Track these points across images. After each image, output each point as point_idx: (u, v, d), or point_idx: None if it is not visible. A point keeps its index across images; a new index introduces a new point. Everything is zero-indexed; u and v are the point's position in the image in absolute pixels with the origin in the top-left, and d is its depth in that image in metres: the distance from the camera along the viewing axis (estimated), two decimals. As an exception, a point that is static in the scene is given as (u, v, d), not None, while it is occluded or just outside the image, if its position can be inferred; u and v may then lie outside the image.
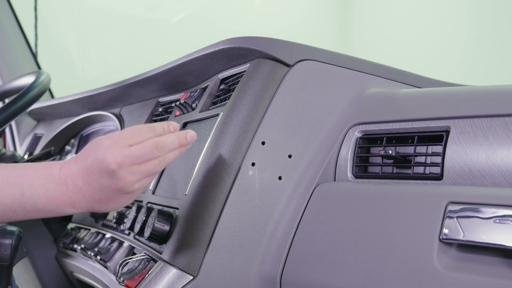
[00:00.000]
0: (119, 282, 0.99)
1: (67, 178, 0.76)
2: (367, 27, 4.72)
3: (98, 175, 0.75)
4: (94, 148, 0.77)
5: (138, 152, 0.76)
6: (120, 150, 0.75)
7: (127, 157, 0.75)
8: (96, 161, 0.75)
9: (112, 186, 0.75)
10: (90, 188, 0.76)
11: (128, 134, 0.77)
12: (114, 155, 0.74)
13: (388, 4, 4.58)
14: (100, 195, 0.76)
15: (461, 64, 3.86)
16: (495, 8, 3.72)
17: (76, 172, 0.76)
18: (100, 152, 0.75)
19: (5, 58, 2.07)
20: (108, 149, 0.75)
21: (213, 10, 4.03)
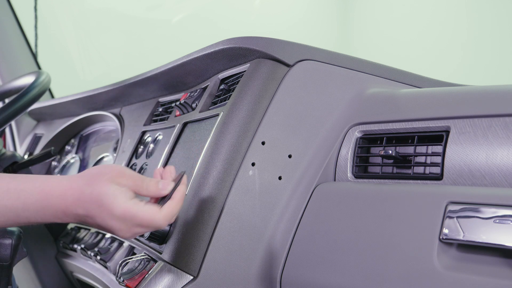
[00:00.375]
0: (119, 282, 0.99)
1: (67, 211, 0.77)
2: (367, 27, 4.72)
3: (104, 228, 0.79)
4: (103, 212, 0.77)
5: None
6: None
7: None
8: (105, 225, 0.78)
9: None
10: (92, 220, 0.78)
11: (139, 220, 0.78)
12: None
13: (388, 4, 4.58)
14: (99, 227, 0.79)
15: (461, 64, 3.86)
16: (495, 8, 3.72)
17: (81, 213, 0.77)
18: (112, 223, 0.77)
19: (5, 58, 2.07)
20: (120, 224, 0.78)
21: (213, 10, 4.03)
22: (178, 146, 1.13)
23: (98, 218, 0.77)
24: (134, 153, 1.35)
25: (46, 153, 1.38)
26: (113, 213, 0.77)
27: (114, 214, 0.77)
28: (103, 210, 0.77)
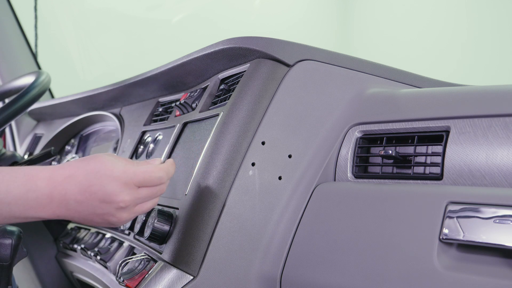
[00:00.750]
0: (119, 282, 0.99)
1: (54, 192, 0.73)
2: (367, 27, 4.72)
3: (98, 203, 0.74)
4: (101, 175, 0.75)
5: (145, 195, 0.78)
6: (131, 191, 0.76)
7: (135, 198, 0.77)
8: (104, 192, 0.74)
9: (105, 216, 0.76)
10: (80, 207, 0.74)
11: (141, 177, 0.77)
12: (125, 194, 0.75)
13: (388, 4, 4.58)
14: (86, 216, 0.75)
15: (461, 64, 3.86)
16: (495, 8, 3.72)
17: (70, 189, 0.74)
18: (112, 185, 0.74)
19: (5, 58, 2.07)
20: (120, 186, 0.75)
21: (213, 10, 4.03)
22: (178, 146, 1.13)
23: (95, 186, 0.73)
24: (134, 153, 1.35)
25: (46, 153, 1.38)
26: (112, 174, 0.74)
27: (114, 175, 0.74)
28: (102, 175, 0.74)
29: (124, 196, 0.75)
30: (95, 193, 0.74)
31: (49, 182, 0.74)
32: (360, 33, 4.78)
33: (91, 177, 0.74)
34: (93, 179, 0.74)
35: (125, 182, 0.75)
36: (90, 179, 0.74)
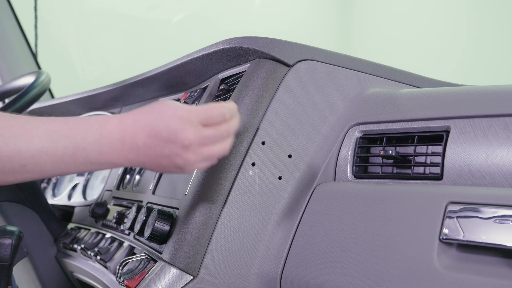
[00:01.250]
0: (119, 282, 0.99)
1: (125, 135, 0.75)
2: (367, 27, 4.72)
3: (163, 144, 0.75)
4: (165, 115, 0.76)
5: (210, 135, 0.78)
6: (195, 128, 0.76)
7: (200, 137, 0.77)
8: (168, 131, 0.75)
9: (171, 158, 0.76)
10: (149, 151, 0.76)
11: (203, 114, 0.78)
12: (189, 132, 0.76)
13: (388, 4, 4.58)
14: (155, 160, 0.76)
15: (461, 64, 3.86)
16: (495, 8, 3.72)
17: (138, 130, 0.76)
18: (175, 123, 0.76)
19: (5, 58, 2.07)
20: (184, 123, 0.76)
21: (213, 10, 4.03)
22: (178, 146, 1.13)
23: (160, 126, 0.75)
24: (134, 153, 1.35)
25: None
26: (175, 113, 0.76)
27: (177, 113, 0.76)
28: (165, 115, 0.76)
29: (187, 134, 0.76)
30: (160, 133, 0.75)
31: (120, 127, 0.76)
32: (360, 33, 4.78)
33: (155, 118, 0.76)
34: (158, 119, 0.76)
35: (188, 119, 0.76)
36: (155, 120, 0.76)
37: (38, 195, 1.61)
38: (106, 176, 1.49)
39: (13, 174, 0.73)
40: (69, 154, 0.74)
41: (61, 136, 0.74)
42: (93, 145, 0.74)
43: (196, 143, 0.77)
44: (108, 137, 0.75)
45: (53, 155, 0.73)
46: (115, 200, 1.33)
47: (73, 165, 0.75)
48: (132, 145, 0.76)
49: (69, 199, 1.67)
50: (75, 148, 0.74)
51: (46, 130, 0.74)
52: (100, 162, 0.76)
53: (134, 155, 0.76)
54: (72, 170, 0.76)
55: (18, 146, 0.71)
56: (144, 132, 0.76)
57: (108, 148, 0.75)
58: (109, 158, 0.76)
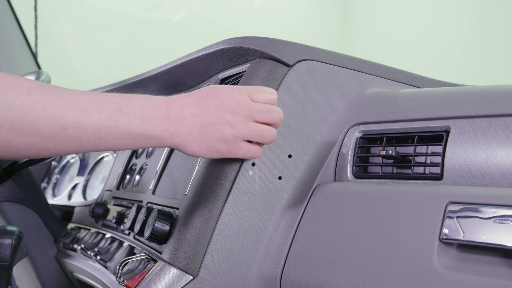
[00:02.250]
0: (119, 282, 0.99)
1: (171, 106, 0.75)
2: (367, 27, 4.72)
3: (212, 110, 0.75)
4: (216, 88, 0.77)
5: (259, 108, 0.78)
6: (245, 97, 0.77)
7: (249, 107, 0.76)
8: (217, 96, 0.75)
9: (219, 126, 0.75)
10: (195, 120, 0.75)
11: (252, 88, 0.78)
12: (239, 98, 0.76)
13: (388, 4, 4.58)
14: (200, 130, 0.75)
15: (461, 64, 3.86)
16: (495, 8, 3.72)
17: (188, 102, 0.76)
18: (225, 90, 0.76)
19: (5, 58, 2.07)
20: (233, 91, 0.77)
21: (213, 10, 4.03)
22: (178, 146, 1.13)
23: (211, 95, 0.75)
24: (134, 153, 1.35)
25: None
26: (227, 87, 0.77)
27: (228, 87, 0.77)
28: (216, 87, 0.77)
29: (237, 99, 0.76)
30: (211, 100, 0.76)
31: (167, 99, 0.76)
32: (360, 33, 4.78)
33: (206, 91, 0.77)
34: (209, 91, 0.77)
35: (238, 89, 0.77)
36: (206, 92, 0.77)
37: (38, 195, 1.61)
38: (106, 176, 1.49)
39: (53, 140, 0.70)
40: (111, 119, 0.72)
41: (106, 101, 0.73)
42: (137, 110, 0.73)
43: (245, 112, 0.76)
44: (153, 105, 0.75)
45: (96, 118, 0.71)
46: (115, 200, 1.33)
47: (113, 133, 0.73)
48: (177, 115, 0.75)
49: (69, 199, 1.67)
50: (119, 112, 0.73)
51: (91, 95, 0.73)
52: (141, 131, 0.74)
53: (178, 126, 0.75)
54: (111, 140, 0.73)
55: (63, 107, 0.70)
56: (192, 101, 0.75)
57: (152, 115, 0.74)
58: (151, 127, 0.74)
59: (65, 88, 0.73)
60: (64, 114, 0.70)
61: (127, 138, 0.74)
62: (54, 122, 0.70)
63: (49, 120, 0.69)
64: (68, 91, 0.73)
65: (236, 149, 0.78)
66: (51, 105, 0.70)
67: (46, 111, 0.69)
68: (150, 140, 0.75)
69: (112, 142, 0.74)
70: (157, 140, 0.75)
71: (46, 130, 0.69)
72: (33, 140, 0.69)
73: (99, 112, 0.72)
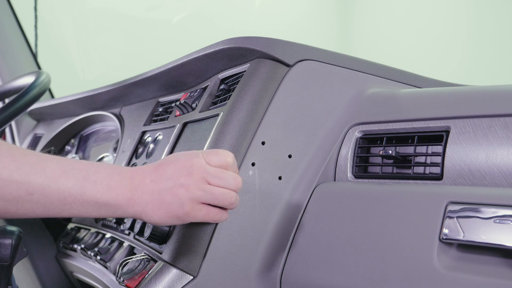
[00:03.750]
0: (119, 282, 0.99)
1: (135, 174, 0.77)
2: (367, 27, 4.72)
3: (170, 175, 0.76)
4: (174, 155, 0.79)
5: (214, 172, 0.77)
6: (200, 160, 0.77)
7: (203, 170, 0.77)
8: (173, 160, 0.77)
9: (174, 190, 0.76)
10: (154, 186, 0.76)
11: (211, 153, 0.79)
12: (193, 161, 0.77)
13: (388, 4, 4.58)
14: (158, 196, 0.76)
15: (461, 64, 3.86)
16: (495, 8, 3.72)
17: (148, 170, 0.78)
18: (181, 155, 0.78)
19: (5, 58, 2.07)
20: (189, 154, 0.78)
21: (213, 10, 4.03)
22: (178, 146, 1.13)
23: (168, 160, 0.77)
24: (134, 153, 1.35)
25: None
26: (184, 152, 0.79)
27: (185, 152, 0.79)
28: (174, 154, 0.79)
29: (192, 162, 0.77)
30: (168, 165, 0.77)
31: (132, 169, 0.78)
32: (360, 33, 4.78)
33: (165, 158, 0.79)
34: (168, 158, 0.79)
35: (193, 153, 0.79)
36: (165, 159, 0.79)
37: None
38: (106, 176, 1.49)
39: (16, 204, 0.71)
40: (78, 186, 0.73)
41: (74, 168, 0.74)
42: (104, 178, 0.75)
43: (199, 174, 0.76)
44: (119, 174, 0.76)
45: (62, 185, 0.72)
46: (115, 200, 1.33)
47: (78, 201, 0.74)
48: (139, 183, 0.76)
49: (69, 199, 1.67)
50: (86, 180, 0.74)
51: (60, 161, 0.74)
52: (105, 200, 0.75)
53: (139, 193, 0.76)
54: (76, 207, 0.74)
55: (30, 172, 0.71)
56: (152, 170, 0.77)
57: (117, 183, 0.75)
58: (116, 195, 0.75)
59: (34, 153, 0.74)
60: (31, 180, 0.71)
61: (92, 206, 0.75)
62: (20, 187, 0.70)
63: (15, 185, 0.70)
64: (37, 156, 0.73)
65: (194, 213, 0.78)
66: (18, 170, 0.70)
67: (13, 177, 0.69)
68: (114, 208, 0.76)
69: (76, 209, 0.75)
70: (121, 209, 0.77)
71: (11, 195, 0.70)
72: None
73: (66, 179, 0.73)
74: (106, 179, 0.75)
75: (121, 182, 0.76)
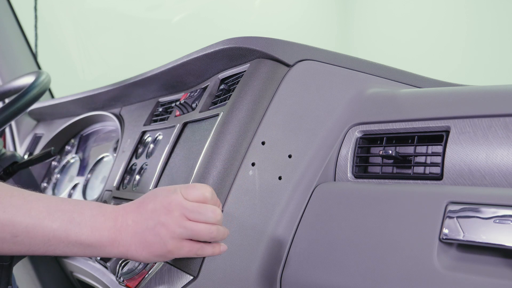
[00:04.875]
0: (119, 282, 0.99)
1: (118, 215, 0.78)
2: (367, 27, 4.72)
3: (149, 215, 0.77)
4: (154, 192, 0.80)
5: (192, 207, 0.77)
6: (178, 196, 0.77)
7: (182, 206, 0.77)
8: (153, 200, 0.78)
9: (156, 229, 0.76)
10: (136, 227, 0.77)
11: (189, 187, 0.79)
12: (172, 198, 0.77)
13: (388, 4, 4.58)
14: (141, 236, 0.77)
15: (461, 64, 3.86)
16: (495, 8, 3.72)
17: (130, 210, 0.78)
18: (160, 193, 0.79)
19: (5, 58, 2.07)
20: (167, 191, 0.78)
21: (213, 10, 4.03)
22: (178, 146, 1.13)
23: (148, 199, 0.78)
24: (134, 153, 1.35)
25: (46, 153, 1.38)
26: (163, 188, 0.79)
27: (164, 188, 0.79)
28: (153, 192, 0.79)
29: (171, 199, 0.77)
30: (148, 204, 0.78)
31: (115, 209, 0.79)
32: (360, 33, 4.78)
33: (146, 196, 0.80)
34: (148, 197, 0.79)
35: (171, 189, 0.79)
36: (145, 198, 0.80)
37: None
38: (106, 176, 1.49)
39: (1, 244, 0.72)
40: (62, 228, 0.74)
41: (59, 209, 0.75)
42: (88, 221, 0.76)
43: (177, 211, 0.76)
44: (103, 215, 0.77)
45: (47, 228, 0.73)
46: (115, 200, 1.33)
47: (63, 242, 0.75)
48: (122, 224, 0.77)
49: (69, 199, 1.67)
50: (70, 222, 0.75)
51: (46, 202, 0.75)
52: (90, 242, 0.76)
53: (123, 235, 0.77)
54: (60, 248, 0.75)
55: (15, 215, 0.71)
56: (134, 210, 0.78)
57: (101, 225, 0.76)
58: (100, 237, 0.76)
59: (21, 193, 0.74)
60: (16, 223, 0.71)
61: (77, 247, 0.76)
62: (4, 229, 0.71)
63: (0, 228, 0.71)
64: (23, 197, 0.74)
65: (177, 250, 0.78)
66: (4, 213, 0.71)
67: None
68: (99, 249, 0.77)
69: (61, 250, 0.76)
70: (106, 250, 0.77)
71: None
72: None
73: (51, 221, 0.74)
74: (90, 220, 0.76)
75: (104, 224, 0.76)
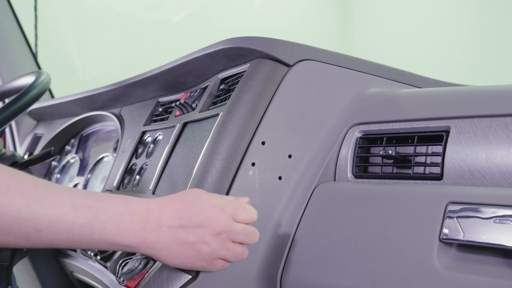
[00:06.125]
0: (119, 282, 0.99)
1: (149, 216, 0.74)
2: (367, 27, 4.72)
3: (192, 229, 0.74)
4: (199, 201, 0.76)
5: (240, 230, 0.77)
6: (227, 219, 0.76)
7: (231, 229, 0.76)
8: (201, 216, 0.74)
9: (197, 245, 0.74)
10: (172, 236, 0.74)
11: (235, 206, 0.78)
12: (222, 219, 0.75)
13: (388, 4, 4.58)
14: (177, 247, 0.75)
15: (461, 64, 3.86)
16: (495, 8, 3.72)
17: (167, 214, 0.75)
18: (209, 210, 0.75)
19: (5, 58, 2.07)
20: (218, 211, 0.75)
21: (213, 10, 4.03)
22: (178, 146, 1.13)
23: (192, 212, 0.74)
24: (134, 153, 1.35)
25: (46, 153, 1.38)
26: (210, 201, 0.75)
27: (211, 202, 0.75)
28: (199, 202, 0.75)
29: (220, 220, 0.75)
30: (191, 218, 0.74)
31: (146, 207, 0.75)
32: (360, 33, 4.78)
33: (187, 204, 0.75)
34: (190, 205, 0.75)
35: (222, 208, 0.76)
36: (187, 206, 0.75)
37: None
38: (106, 176, 1.49)
39: (26, 239, 0.70)
40: (87, 225, 0.71)
41: (84, 205, 0.72)
42: (114, 220, 0.72)
43: (225, 233, 0.75)
44: (131, 214, 0.74)
45: (71, 224, 0.71)
46: (115, 200, 1.33)
47: (87, 239, 0.72)
48: (154, 227, 0.74)
49: (69, 199, 1.66)
50: (95, 220, 0.72)
51: (70, 196, 0.72)
52: (115, 241, 0.73)
53: (153, 238, 0.74)
54: (84, 244, 0.73)
55: (39, 209, 0.69)
56: (172, 215, 0.74)
57: (128, 225, 0.73)
58: (126, 237, 0.73)
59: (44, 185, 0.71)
60: (39, 218, 0.69)
61: (101, 245, 0.74)
62: (28, 224, 0.69)
63: (24, 222, 0.69)
64: (46, 190, 0.71)
65: (211, 266, 0.78)
66: (27, 207, 0.68)
67: (21, 213, 0.68)
68: (124, 248, 0.75)
69: (85, 246, 0.74)
70: (131, 249, 0.75)
71: (19, 231, 0.69)
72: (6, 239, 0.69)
73: (75, 218, 0.71)
74: (116, 219, 0.73)
75: (132, 225, 0.73)
